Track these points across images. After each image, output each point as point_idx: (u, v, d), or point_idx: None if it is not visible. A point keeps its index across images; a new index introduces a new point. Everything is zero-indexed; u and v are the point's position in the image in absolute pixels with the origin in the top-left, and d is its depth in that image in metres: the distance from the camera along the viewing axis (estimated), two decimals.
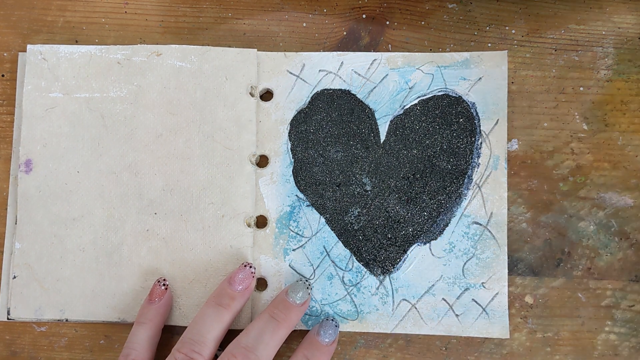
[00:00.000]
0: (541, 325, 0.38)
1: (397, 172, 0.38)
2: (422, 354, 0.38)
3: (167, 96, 0.38)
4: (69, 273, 0.37)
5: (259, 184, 0.38)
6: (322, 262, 0.37)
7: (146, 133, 0.38)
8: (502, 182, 0.37)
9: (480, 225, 0.37)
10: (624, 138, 0.38)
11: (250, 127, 0.38)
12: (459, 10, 0.39)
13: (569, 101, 0.38)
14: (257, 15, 0.40)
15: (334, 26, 0.39)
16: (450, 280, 0.37)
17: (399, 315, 0.37)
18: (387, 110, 0.38)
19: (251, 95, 0.38)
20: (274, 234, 0.38)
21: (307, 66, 0.38)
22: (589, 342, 0.37)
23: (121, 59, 0.38)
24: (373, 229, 0.37)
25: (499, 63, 0.37)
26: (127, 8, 0.40)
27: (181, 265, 0.37)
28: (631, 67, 0.38)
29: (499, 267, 0.37)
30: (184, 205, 0.37)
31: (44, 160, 0.38)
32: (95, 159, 0.38)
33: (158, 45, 0.38)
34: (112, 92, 0.38)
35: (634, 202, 0.38)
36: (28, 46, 0.38)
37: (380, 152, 0.38)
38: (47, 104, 0.38)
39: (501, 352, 0.37)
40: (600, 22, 0.39)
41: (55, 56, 0.38)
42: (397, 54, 0.38)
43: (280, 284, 0.37)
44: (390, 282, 0.37)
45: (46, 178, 0.37)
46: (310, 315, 0.37)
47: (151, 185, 0.37)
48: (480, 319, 0.36)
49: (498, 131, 0.37)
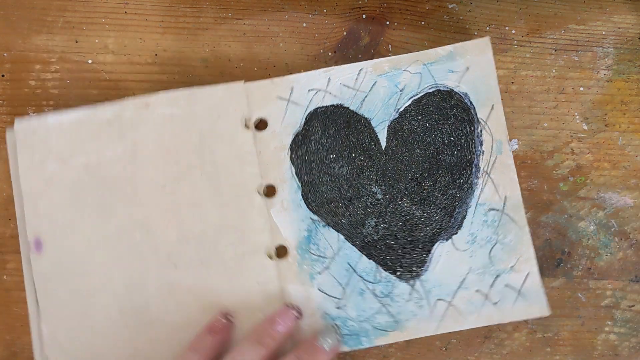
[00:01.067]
0: (541, 325, 0.38)
1: (404, 175, 0.38)
2: (422, 354, 0.38)
3: (164, 146, 0.37)
4: (102, 345, 0.36)
5: (271, 214, 0.37)
6: (350, 279, 0.37)
7: (150, 187, 0.37)
8: (509, 165, 0.37)
9: (497, 211, 0.37)
10: (624, 138, 0.39)
11: (251, 159, 0.37)
12: (459, 10, 0.39)
13: (569, 101, 0.39)
14: (257, 15, 0.40)
15: (334, 26, 0.39)
16: (480, 271, 0.37)
17: (438, 315, 0.36)
18: (383, 117, 0.38)
19: (246, 127, 0.37)
20: (296, 261, 0.37)
21: (296, 88, 0.38)
22: (589, 342, 0.38)
23: (111, 118, 0.37)
24: (393, 235, 0.37)
25: (483, 50, 0.37)
26: (127, 8, 0.40)
27: (212, 311, 0.36)
28: (631, 67, 0.39)
29: (524, 248, 0.37)
30: (202, 251, 0.36)
31: (53, 236, 0.36)
32: (104, 224, 0.37)
33: (144, 96, 0.37)
34: (108, 153, 0.37)
35: (634, 202, 0.38)
36: (16, 121, 0.37)
37: (384, 158, 0.38)
38: (45, 177, 0.37)
39: (501, 352, 0.38)
40: (600, 22, 0.39)
41: (44, 127, 0.37)
42: (382, 60, 0.38)
43: (313, 310, 0.37)
44: (422, 285, 0.37)
45: (59, 255, 0.36)
46: (349, 335, 0.37)
47: (165, 239, 0.37)
48: (518, 303, 0.36)
49: (495, 116, 0.37)
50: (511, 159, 0.37)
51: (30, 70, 0.40)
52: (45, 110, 0.40)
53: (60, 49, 0.40)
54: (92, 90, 0.40)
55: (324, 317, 0.37)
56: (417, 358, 0.37)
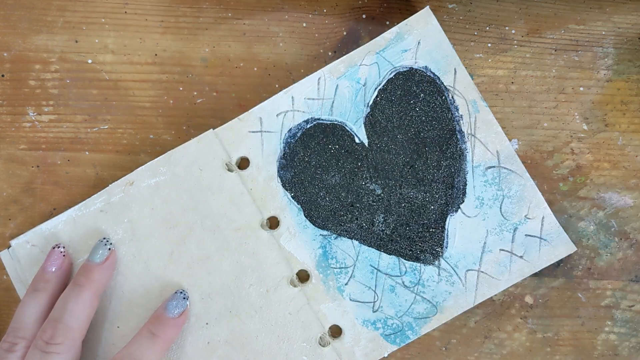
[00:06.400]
0: (541, 326, 0.38)
1: (395, 163, 0.38)
2: (422, 354, 0.37)
3: (159, 215, 0.37)
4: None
5: (281, 244, 0.37)
6: (378, 280, 0.37)
7: (159, 258, 0.37)
8: (490, 120, 0.37)
9: (494, 167, 0.37)
10: (624, 138, 0.38)
11: (245, 199, 0.37)
12: (459, 10, 0.39)
13: (569, 101, 0.39)
14: (257, 15, 0.40)
15: (334, 26, 0.40)
16: (497, 230, 0.37)
17: (472, 286, 0.36)
18: (356, 115, 0.38)
19: (230, 171, 0.38)
20: (320, 280, 0.37)
21: (264, 117, 0.38)
22: (589, 342, 0.38)
23: (102, 207, 0.37)
24: (404, 225, 0.37)
25: (427, 21, 0.37)
26: (127, 8, 0.40)
27: (256, 355, 0.36)
28: (631, 67, 0.39)
29: (531, 194, 0.37)
30: (228, 301, 0.37)
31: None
32: (126, 308, 0.37)
33: (125, 177, 0.38)
34: (110, 240, 0.37)
35: (634, 202, 0.38)
36: (11, 243, 0.38)
37: (371, 155, 0.38)
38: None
39: (501, 352, 0.37)
40: (600, 22, 0.39)
41: (41, 237, 0.37)
42: (336, 63, 0.38)
43: (352, 321, 0.37)
44: (447, 262, 0.37)
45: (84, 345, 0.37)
46: (394, 333, 0.36)
47: (189, 302, 0.37)
48: (543, 248, 0.36)
49: (461, 78, 0.37)
50: (490, 114, 0.37)
51: (30, 70, 0.40)
52: (45, 110, 0.40)
53: (60, 49, 0.40)
54: (92, 90, 0.40)
55: (365, 325, 0.37)
56: (417, 358, 0.37)
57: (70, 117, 0.40)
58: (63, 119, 0.40)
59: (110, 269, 0.36)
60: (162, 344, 0.34)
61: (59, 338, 0.32)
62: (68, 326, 0.33)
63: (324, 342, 0.37)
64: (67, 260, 0.37)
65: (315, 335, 0.37)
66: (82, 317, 0.34)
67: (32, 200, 0.40)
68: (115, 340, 0.37)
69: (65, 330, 0.33)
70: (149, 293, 0.37)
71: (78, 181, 0.40)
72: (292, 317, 0.37)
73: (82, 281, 0.35)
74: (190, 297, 0.37)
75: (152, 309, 0.37)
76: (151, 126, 0.40)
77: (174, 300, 0.36)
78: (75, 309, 0.33)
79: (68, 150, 0.40)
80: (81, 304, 0.34)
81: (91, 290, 0.34)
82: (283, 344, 0.36)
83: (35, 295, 0.35)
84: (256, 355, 0.36)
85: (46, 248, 0.37)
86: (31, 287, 0.35)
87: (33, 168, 0.40)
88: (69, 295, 0.34)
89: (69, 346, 0.33)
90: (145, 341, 0.34)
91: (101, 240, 0.37)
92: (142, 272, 0.37)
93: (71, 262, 0.37)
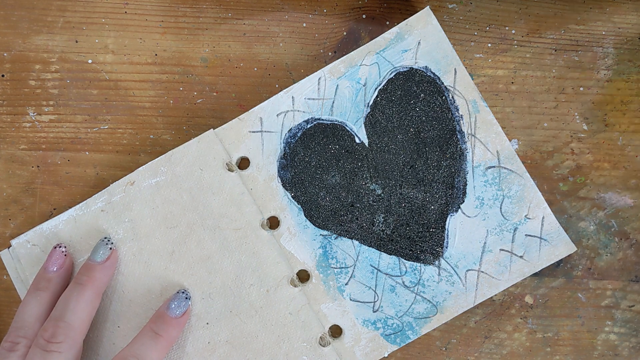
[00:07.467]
0: (541, 325, 0.38)
1: (395, 163, 0.38)
2: (422, 354, 0.38)
3: (160, 214, 0.37)
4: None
5: (281, 244, 0.37)
6: (378, 280, 0.37)
7: (159, 257, 0.37)
8: (490, 120, 0.37)
9: (495, 167, 0.37)
10: (624, 138, 0.38)
11: (245, 199, 0.37)
12: (459, 10, 0.40)
13: (569, 101, 0.39)
14: (257, 15, 0.40)
15: (334, 26, 0.40)
16: (497, 230, 0.37)
17: (472, 286, 0.36)
18: (356, 115, 0.38)
19: (230, 171, 0.38)
20: (320, 280, 0.37)
21: (265, 117, 0.38)
22: (589, 342, 0.38)
23: (103, 206, 0.37)
24: (404, 225, 0.37)
25: (427, 21, 0.37)
26: (127, 8, 0.40)
27: (256, 355, 0.36)
28: (631, 67, 0.39)
29: (531, 194, 0.37)
30: (228, 301, 0.37)
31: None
32: (127, 307, 0.37)
33: (126, 177, 0.38)
34: (111, 239, 0.37)
35: (634, 202, 0.38)
36: (12, 242, 0.38)
37: (371, 155, 0.38)
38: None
39: (501, 352, 0.38)
40: (600, 22, 0.39)
41: (42, 237, 0.38)
42: (336, 63, 0.38)
43: (352, 321, 0.37)
44: (447, 262, 0.37)
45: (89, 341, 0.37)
46: (394, 333, 0.37)
47: (190, 301, 0.37)
48: (543, 248, 0.36)
49: (461, 78, 0.37)
50: (490, 114, 0.37)
51: (30, 70, 0.40)
52: (45, 110, 0.40)
53: (60, 49, 0.40)
54: (92, 90, 0.40)
55: (365, 325, 0.37)
56: (417, 358, 0.37)
57: (71, 117, 0.40)
58: (63, 119, 0.40)
59: (112, 268, 0.36)
60: (165, 344, 0.34)
61: (60, 336, 0.32)
62: (69, 325, 0.33)
63: (324, 342, 0.37)
64: (69, 260, 0.37)
65: (316, 335, 0.37)
66: (84, 315, 0.34)
67: (32, 200, 0.40)
68: (116, 340, 0.37)
69: (67, 328, 0.33)
70: (149, 292, 0.37)
71: (78, 181, 0.40)
72: (293, 317, 0.37)
73: (84, 280, 0.35)
74: (190, 297, 0.37)
75: (152, 309, 0.37)
76: (151, 126, 0.40)
77: (176, 299, 0.36)
78: (77, 307, 0.34)
79: (68, 150, 0.40)
80: (82, 303, 0.34)
81: (92, 289, 0.35)
82: (283, 344, 0.36)
83: (37, 295, 0.35)
84: (256, 355, 0.36)
85: (47, 248, 0.37)
86: (33, 287, 0.35)
87: (33, 168, 0.40)
88: (70, 294, 0.34)
89: (70, 345, 0.33)
90: (148, 340, 0.34)
91: (102, 240, 0.37)
92: (143, 272, 0.37)
93: (72, 262, 0.37)
